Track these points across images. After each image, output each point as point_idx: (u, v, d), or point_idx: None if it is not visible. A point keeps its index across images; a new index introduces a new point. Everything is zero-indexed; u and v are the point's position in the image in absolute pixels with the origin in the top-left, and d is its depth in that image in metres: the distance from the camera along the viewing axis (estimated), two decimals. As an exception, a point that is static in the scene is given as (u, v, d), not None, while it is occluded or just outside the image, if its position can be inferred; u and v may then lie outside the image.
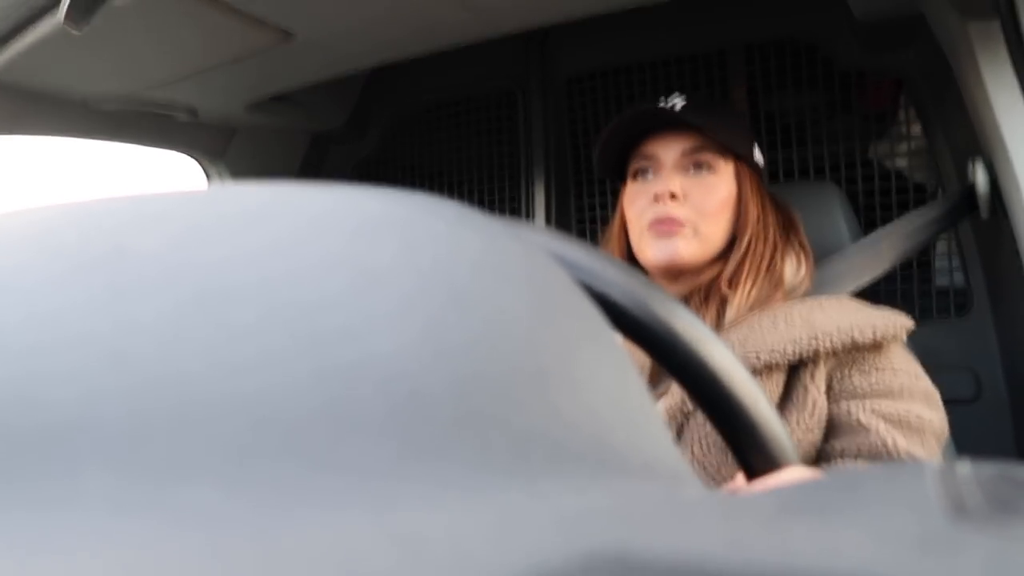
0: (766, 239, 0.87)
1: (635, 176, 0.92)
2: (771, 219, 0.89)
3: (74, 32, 0.79)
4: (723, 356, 0.30)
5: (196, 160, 1.47)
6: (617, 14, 0.94)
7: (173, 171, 1.49)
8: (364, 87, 1.60)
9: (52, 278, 0.14)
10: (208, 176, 1.51)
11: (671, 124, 0.89)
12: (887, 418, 0.71)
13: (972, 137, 0.96)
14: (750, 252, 0.85)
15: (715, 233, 0.86)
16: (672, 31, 1.33)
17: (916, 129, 1.21)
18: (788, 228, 0.91)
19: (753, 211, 0.87)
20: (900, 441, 0.69)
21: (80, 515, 0.10)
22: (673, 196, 0.85)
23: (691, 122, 0.86)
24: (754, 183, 0.90)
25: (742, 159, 0.90)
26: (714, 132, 0.85)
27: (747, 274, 0.84)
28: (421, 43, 1.03)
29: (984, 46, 0.83)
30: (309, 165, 1.66)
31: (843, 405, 0.74)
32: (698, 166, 0.88)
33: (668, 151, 0.89)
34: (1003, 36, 0.81)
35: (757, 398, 0.31)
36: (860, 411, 0.72)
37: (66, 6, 0.75)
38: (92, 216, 0.16)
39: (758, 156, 0.92)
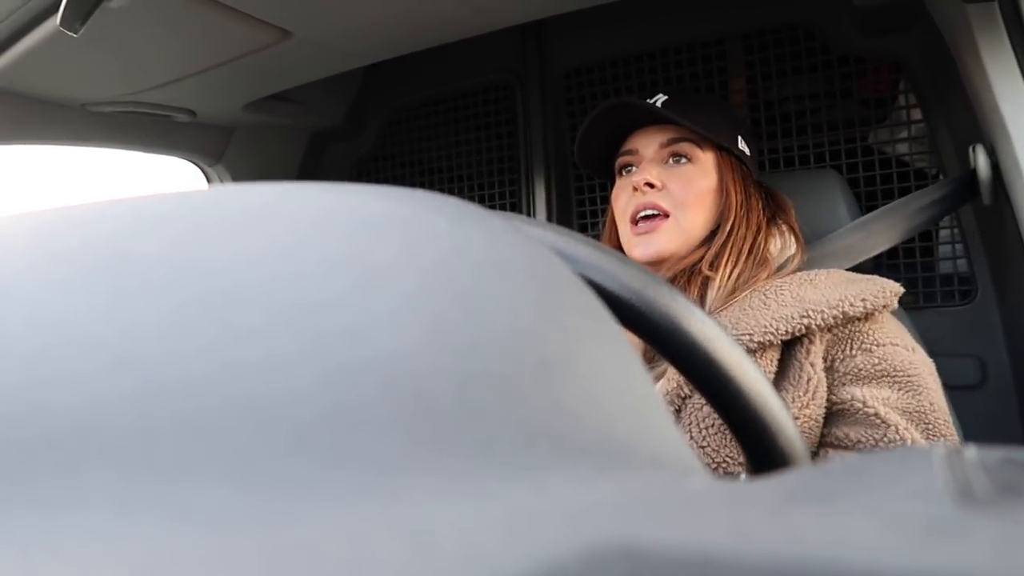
0: (748, 225, 0.87)
1: (620, 172, 0.95)
2: (755, 205, 0.90)
3: (71, 35, 0.79)
4: (724, 344, 0.30)
5: (195, 163, 1.47)
6: (614, 5, 0.94)
7: (172, 178, 1.49)
8: (362, 83, 1.60)
9: (55, 283, 0.14)
10: (208, 179, 1.51)
11: (646, 117, 0.91)
12: (904, 413, 0.71)
13: (973, 122, 0.96)
14: (732, 237, 0.86)
15: (696, 222, 0.87)
16: (670, 21, 1.33)
17: (916, 114, 1.21)
18: (776, 213, 0.92)
19: (735, 199, 0.88)
20: (918, 439, 0.69)
21: (86, 515, 0.10)
22: (651, 185, 0.87)
23: (663, 115, 0.87)
24: (737, 172, 0.91)
25: (723, 149, 0.90)
26: (689, 123, 0.86)
27: (728, 257, 0.84)
28: (419, 39, 1.03)
29: (984, 29, 0.83)
30: (308, 164, 1.66)
31: (855, 392, 0.73)
32: (676, 157, 0.90)
33: (648, 144, 0.91)
34: (1002, 19, 0.81)
35: (760, 386, 0.31)
36: (877, 403, 0.71)
37: (62, 9, 0.75)
38: (93, 219, 0.16)
39: (743, 146, 0.93)
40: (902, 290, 0.77)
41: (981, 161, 0.92)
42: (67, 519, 0.10)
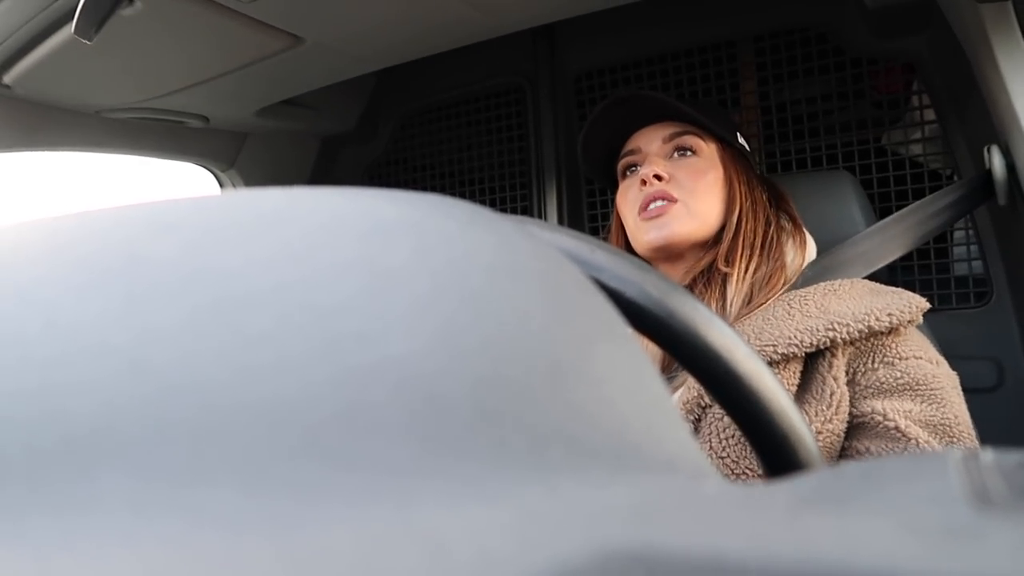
0: (755, 216, 0.87)
1: (624, 175, 0.95)
2: (760, 197, 0.90)
3: (85, 43, 0.80)
4: (742, 353, 0.30)
5: (208, 169, 1.48)
6: (625, 8, 0.94)
7: (185, 182, 1.51)
8: (374, 88, 1.61)
9: (71, 288, 0.14)
10: (221, 184, 1.52)
11: (648, 113, 0.92)
12: (926, 426, 0.69)
13: (987, 122, 0.95)
14: (742, 229, 0.86)
15: (707, 210, 0.87)
16: (681, 24, 1.33)
17: (929, 115, 1.20)
18: (779, 204, 0.92)
19: (741, 190, 0.88)
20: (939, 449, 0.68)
21: (102, 517, 0.11)
22: (659, 177, 0.87)
23: (667, 102, 0.88)
24: (740, 164, 0.91)
25: (724, 142, 0.91)
26: (693, 114, 0.87)
27: (742, 251, 0.84)
28: (431, 43, 1.03)
29: (998, 29, 0.82)
30: (320, 169, 1.67)
31: (876, 405, 0.71)
32: (681, 151, 0.90)
33: (650, 141, 0.92)
34: (1016, 18, 0.81)
35: (778, 396, 0.31)
36: (898, 416, 0.69)
37: (77, 17, 0.76)
38: (108, 225, 0.16)
39: (742, 142, 0.94)
40: (928, 305, 0.76)
41: (996, 162, 0.92)
42: (83, 521, 0.10)
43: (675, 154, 0.90)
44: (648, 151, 0.91)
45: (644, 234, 0.87)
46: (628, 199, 0.91)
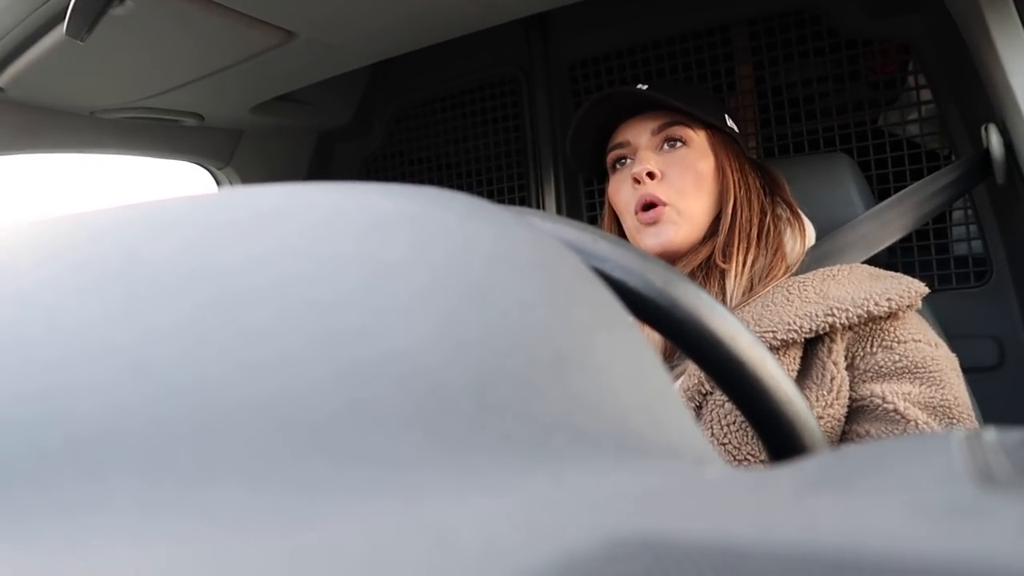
0: (750, 204, 0.87)
1: (614, 167, 0.95)
2: (753, 183, 0.89)
3: (78, 43, 0.79)
4: (746, 340, 0.30)
5: (205, 167, 1.48)
6: (618, -5, 0.94)
7: (181, 181, 1.50)
8: (368, 82, 1.60)
9: (72, 290, 0.14)
10: (218, 182, 1.51)
11: (633, 106, 0.91)
12: (926, 407, 0.70)
13: (984, 100, 0.95)
14: (737, 220, 0.85)
15: (698, 210, 0.86)
16: (674, 10, 1.32)
17: (926, 95, 1.20)
18: (773, 190, 0.91)
19: (734, 177, 0.88)
20: (938, 431, 0.68)
21: (110, 518, 0.11)
22: (651, 175, 0.86)
23: (651, 97, 0.87)
24: (731, 150, 0.90)
25: (714, 128, 0.90)
26: (679, 103, 0.86)
27: (739, 243, 0.83)
28: (424, 35, 1.03)
29: (993, 6, 0.82)
30: (317, 164, 1.66)
31: (875, 388, 0.72)
32: (671, 142, 0.89)
33: (639, 133, 0.91)
34: (1011, -5, 0.80)
35: (782, 383, 0.31)
36: (896, 399, 0.70)
37: (68, 17, 0.76)
38: (106, 226, 0.16)
39: (731, 124, 0.92)
40: (927, 290, 0.76)
41: (994, 140, 0.91)
42: (91, 521, 0.11)
43: (665, 145, 0.89)
44: (638, 144, 0.90)
45: (642, 240, 0.88)
46: (622, 197, 0.91)
